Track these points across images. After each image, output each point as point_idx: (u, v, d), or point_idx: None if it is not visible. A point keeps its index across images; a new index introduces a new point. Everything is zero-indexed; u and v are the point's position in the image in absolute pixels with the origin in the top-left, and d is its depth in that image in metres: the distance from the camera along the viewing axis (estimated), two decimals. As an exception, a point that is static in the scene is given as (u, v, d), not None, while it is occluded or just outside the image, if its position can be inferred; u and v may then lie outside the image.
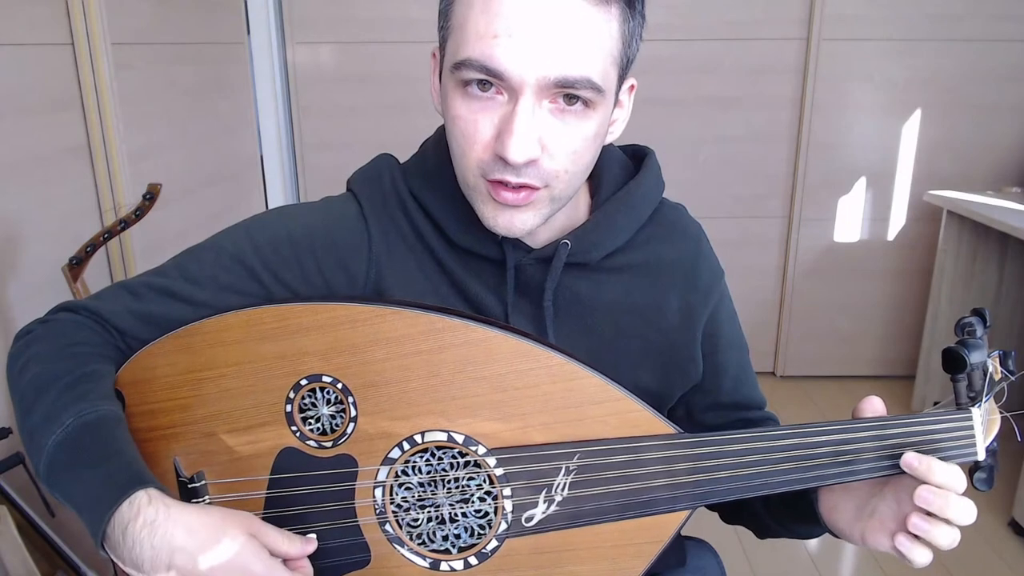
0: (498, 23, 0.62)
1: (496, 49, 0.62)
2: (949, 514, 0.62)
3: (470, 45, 0.63)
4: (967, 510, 0.62)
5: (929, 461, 0.63)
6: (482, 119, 0.65)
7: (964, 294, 2.47)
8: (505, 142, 0.63)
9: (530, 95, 0.63)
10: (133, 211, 1.43)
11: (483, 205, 0.69)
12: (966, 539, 2.25)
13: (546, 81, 0.62)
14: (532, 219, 0.69)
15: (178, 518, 0.62)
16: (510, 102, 0.64)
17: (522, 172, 0.65)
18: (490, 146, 0.66)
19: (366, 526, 0.71)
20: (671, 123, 2.67)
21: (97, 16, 1.62)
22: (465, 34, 0.64)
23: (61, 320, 0.74)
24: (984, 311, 0.68)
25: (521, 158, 0.63)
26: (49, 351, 0.71)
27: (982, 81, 2.59)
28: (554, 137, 0.65)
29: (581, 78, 0.63)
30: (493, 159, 0.66)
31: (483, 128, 0.65)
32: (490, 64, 0.62)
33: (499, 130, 0.65)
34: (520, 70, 0.62)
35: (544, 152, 0.65)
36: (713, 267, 0.83)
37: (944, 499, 0.62)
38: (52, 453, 0.64)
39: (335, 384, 0.69)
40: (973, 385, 0.66)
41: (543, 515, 0.68)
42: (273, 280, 0.75)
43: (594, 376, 0.67)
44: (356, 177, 0.81)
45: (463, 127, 0.66)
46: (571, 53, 0.62)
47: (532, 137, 0.64)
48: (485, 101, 0.65)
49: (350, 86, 2.64)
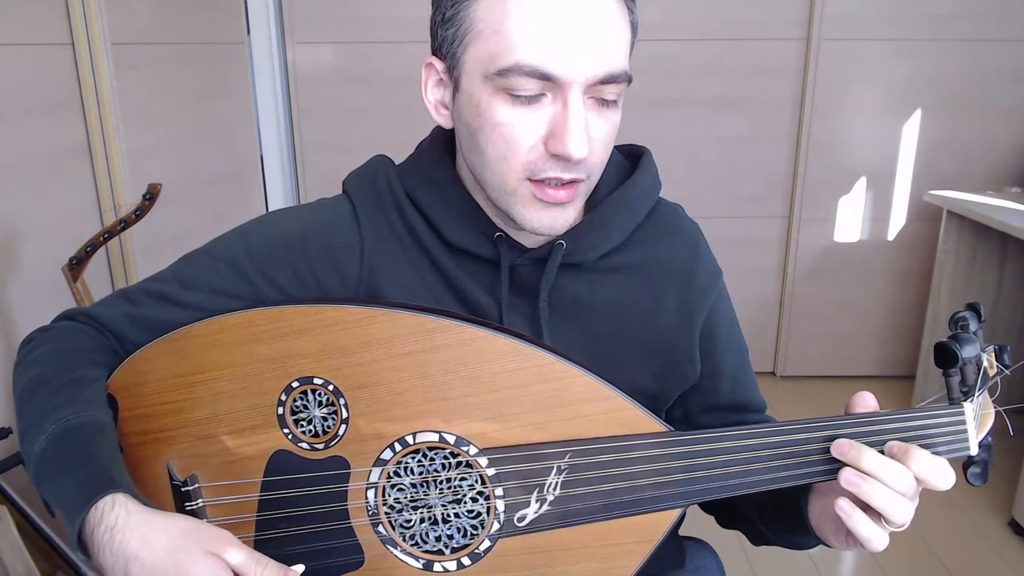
0: (543, 25, 0.63)
1: (547, 52, 0.63)
2: (876, 503, 0.61)
3: (517, 50, 0.63)
4: (898, 506, 0.61)
5: (861, 449, 0.63)
6: (528, 122, 0.66)
7: (964, 294, 2.46)
8: (564, 140, 0.65)
9: (578, 92, 0.65)
10: (133, 211, 1.43)
11: (524, 209, 0.70)
12: (966, 539, 2.24)
13: (595, 79, 0.65)
14: (572, 215, 0.72)
15: (136, 526, 0.60)
16: (556, 101, 0.66)
17: (574, 168, 0.68)
18: (538, 148, 0.67)
19: (359, 527, 0.71)
20: (671, 123, 2.67)
21: (97, 16, 1.62)
22: (505, 40, 0.64)
23: (60, 327, 0.76)
24: (979, 305, 0.68)
25: (582, 153, 0.65)
26: (44, 356, 0.72)
27: (982, 81, 2.59)
28: (596, 131, 0.68)
29: (621, 72, 0.66)
30: (544, 158, 0.67)
31: (531, 131, 0.67)
32: (544, 68, 0.63)
33: (551, 130, 0.66)
34: (571, 71, 0.64)
35: (591, 148, 0.68)
36: (710, 267, 0.83)
37: (870, 486, 0.61)
38: (38, 459, 0.66)
39: (327, 386, 0.69)
40: (966, 380, 0.66)
41: (535, 515, 0.69)
42: (266, 283, 0.75)
43: (585, 375, 0.67)
44: (351, 178, 0.81)
45: (507, 132, 0.67)
46: (611, 48, 0.65)
47: (588, 133, 0.66)
48: (531, 104, 0.66)
49: (350, 86, 2.65)
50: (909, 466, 0.62)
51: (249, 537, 0.72)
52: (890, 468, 0.62)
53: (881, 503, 0.61)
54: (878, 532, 0.63)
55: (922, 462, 0.62)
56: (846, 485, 0.62)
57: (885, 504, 0.61)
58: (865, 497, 0.62)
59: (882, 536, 0.63)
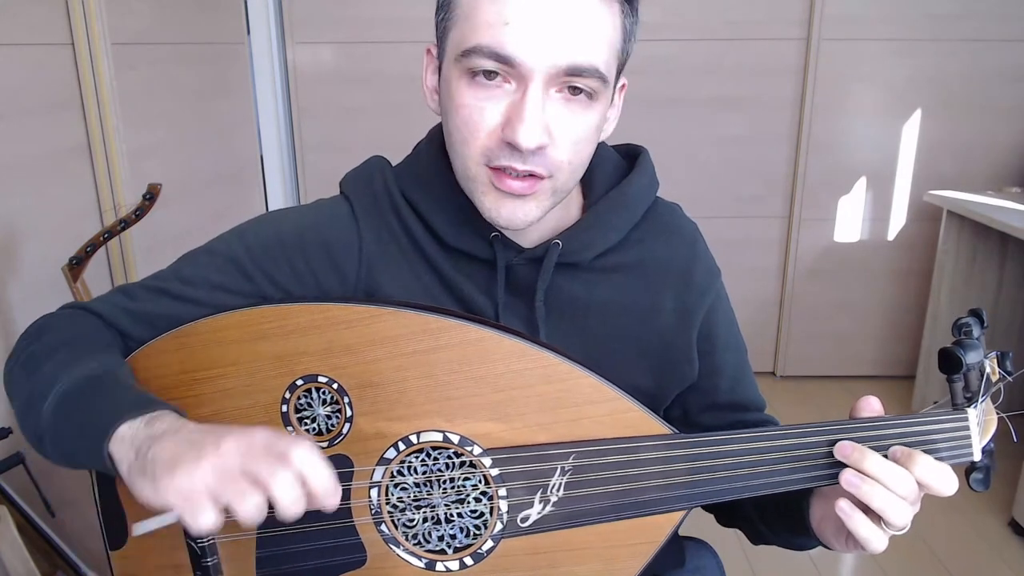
0: (509, 10, 0.62)
1: (508, 36, 0.62)
2: (875, 505, 0.61)
3: (480, 32, 0.63)
4: (898, 509, 0.61)
5: (864, 451, 0.63)
6: (489, 107, 0.66)
7: (964, 294, 2.47)
8: (516, 127, 0.64)
9: (539, 82, 0.64)
10: (133, 211, 1.43)
11: (483, 196, 0.69)
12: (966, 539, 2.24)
13: (556, 69, 0.63)
14: (534, 211, 0.70)
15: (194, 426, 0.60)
16: (518, 90, 0.65)
17: (529, 159, 0.66)
18: (496, 133, 0.66)
19: (362, 526, 0.71)
20: (671, 123, 2.67)
21: (97, 16, 1.62)
22: (474, 22, 0.64)
23: (66, 313, 0.75)
24: (981, 311, 0.68)
25: (532, 143, 0.64)
26: (64, 324, 0.72)
27: (982, 81, 2.59)
28: (560, 126, 0.66)
29: (589, 66, 0.64)
30: (499, 146, 0.66)
31: (489, 116, 0.66)
32: (501, 51, 0.63)
33: (507, 117, 0.65)
34: (531, 57, 0.63)
35: (550, 141, 0.66)
36: (709, 266, 0.83)
37: (870, 487, 0.61)
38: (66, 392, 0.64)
39: (331, 384, 0.69)
40: (969, 385, 0.66)
41: (539, 515, 0.69)
42: (265, 280, 0.75)
43: (589, 376, 0.67)
44: (348, 178, 0.81)
45: (467, 115, 0.66)
46: (580, 41, 0.63)
47: (541, 124, 0.65)
48: (492, 89, 0.65)
49: (350, 86, 2.65)
50: (912, 471, 0.62)
51: (251, 534, 0.72)
52: (892, 472, 0.62)
53: (881, 505, 0.61)
54: (877, 533, 0.63)
55: (925, 467, 0.62)
56: (846, 486, 0.62)
57: (885, 506, 0.61)
58: (865, 498, 0.62)
59: (881, 537, 0.63)
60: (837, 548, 0.70)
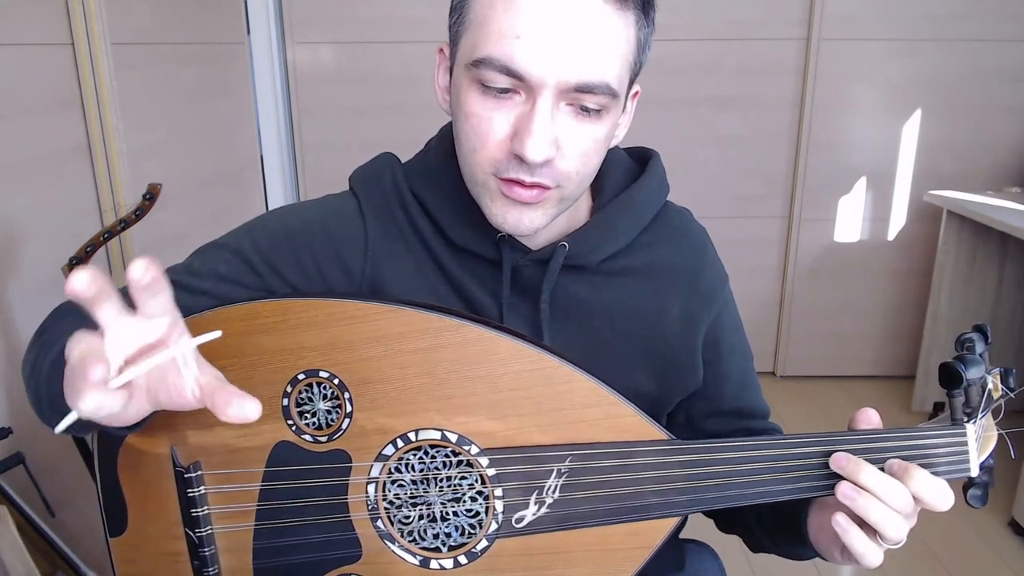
0: (521, 23, 0.62)
1: (518, 49, 0.62)
2: (870, 518, 0.61)
3: (491, 43, 0.63)
4: (893, 523, 0.61)
5: (860, 463, 0.63)
6: (497, 117, 0.65)
7: (964, 294, 2.47)
8: (524, 141, 0.63)
9: (549, 96, 0.63)
10: (133, 211, 1.43)
11: (491, 203, 0.69)
12: (966, 539, 2.24)
13: (566, 84, 0.63)
14: (540, 218, 0.70)
15: None
16: (527, 102, 0.64)
17: (536, 172, 0.66)
18: (504, 144, 0.66)
19: (358, 521, 0.71)
20: (671, 123, 2.67)
21: (97, 16, 1.62)
22: (485, 32, 0.63)
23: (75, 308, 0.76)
24: (985, 327, 0.67)
25: (539, 157, 0.64)
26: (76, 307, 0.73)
27: (982, 81, 2.59)
28: (569, 138, 0.66)
29: (600, 83, 0.63)
30: (508, 158, 0.66)
31: (498, 126, 0.65)
32: (511, 64, 0.62)
33: (516, 129, 0.65)
34: (542, 72, 0.62)
35: (559, 152, 0.66)
36: (717, 272, 0.82)
37: (866, 500, 0.61)
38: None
39: (332, 379, 0.69)
40: (970, 401, 0.66)
41: (533, 517, 0.69)
42: (271, 273, 0.76)
43: (588, 380, 0.67)
44: (356, 175, 0.81)
45: (476, 124, 0.66)
46: (592, 57, 0.63)
47: (550, 138, 0.64)
48: (502, 100, 0.65)
49: (350, 86, 2.65)
50: (908, 485, 0.62)
51: (249, 526, 0.73)
52: (887, 485, 0.62)
53: (876, 519, 0.61)
54: (873, 548, 0.63)
55: (921, 482, 0.62)
56: (842, 498, 0.62)
57: (880, 520, 0.61)
58: (860, 512, 0.62)
59: (877, 552, 0.63)
60: (833, 560, 0.70)
